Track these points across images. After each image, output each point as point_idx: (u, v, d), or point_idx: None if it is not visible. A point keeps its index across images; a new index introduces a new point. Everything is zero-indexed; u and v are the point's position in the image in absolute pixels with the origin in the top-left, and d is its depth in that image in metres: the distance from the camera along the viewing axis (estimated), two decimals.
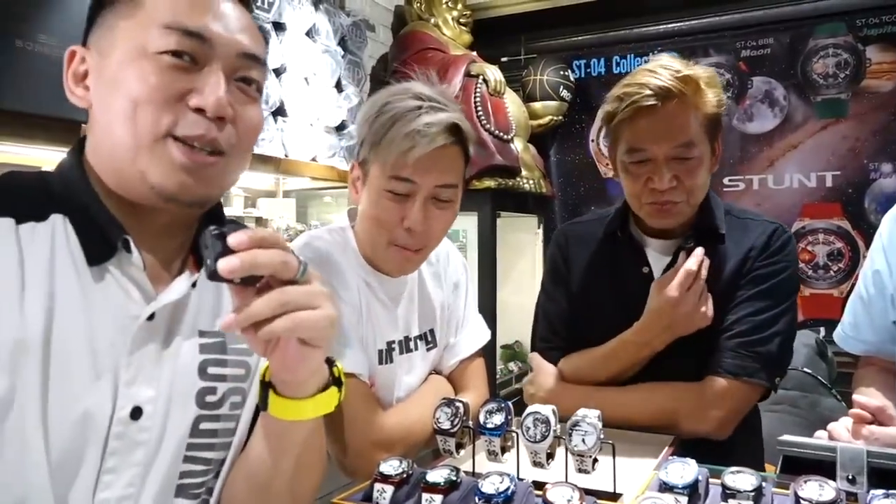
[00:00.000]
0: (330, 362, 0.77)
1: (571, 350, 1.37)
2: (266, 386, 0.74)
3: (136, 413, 0.75)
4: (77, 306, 0.74)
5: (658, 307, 1.23)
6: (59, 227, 0.76)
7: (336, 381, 0.77)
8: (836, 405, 2.03)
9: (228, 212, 2.72)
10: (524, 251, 3.53)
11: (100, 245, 0.76)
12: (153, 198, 0.77)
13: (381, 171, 1.10)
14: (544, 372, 1.37)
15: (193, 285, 0.82)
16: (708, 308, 1.22)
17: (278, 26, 2.48)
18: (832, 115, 3.05)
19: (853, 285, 1.36)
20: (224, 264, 0.62)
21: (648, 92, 1.19)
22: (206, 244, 0.64)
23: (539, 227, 3.54)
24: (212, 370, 0.82)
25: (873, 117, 2.98)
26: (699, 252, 1.22)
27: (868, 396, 1.09)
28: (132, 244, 0.77)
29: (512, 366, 3.34)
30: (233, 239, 0.63)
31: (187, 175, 0.76)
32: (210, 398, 0.81)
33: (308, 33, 2.61)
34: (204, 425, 0.81)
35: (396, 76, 2.84)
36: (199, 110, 0.75)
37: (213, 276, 0.63)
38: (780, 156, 3.15)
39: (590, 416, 0.93)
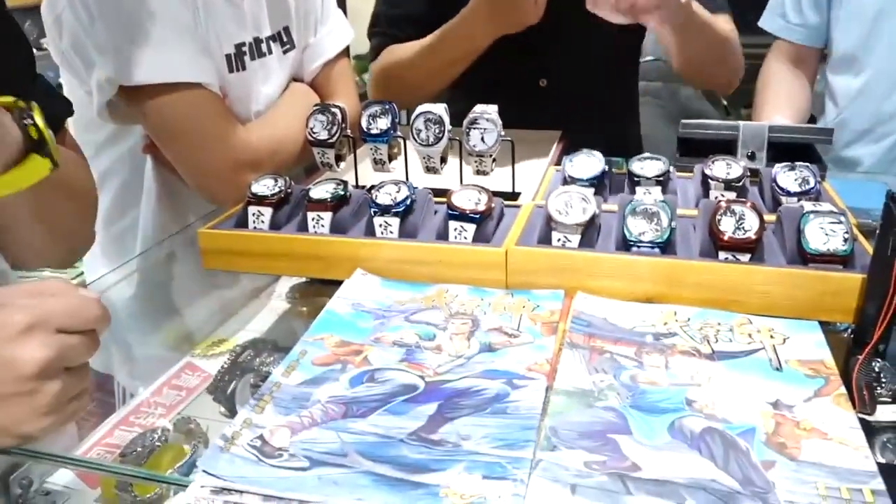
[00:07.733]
0: (23, 116, 0.56)
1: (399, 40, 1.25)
2: None
3: None
4: None
5: None
6: None
7: (37, 145, 0.57)
8: (692, 93, 2.07)
9: None
10: None
11: None
12: None
13: None
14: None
15: None
16: (539, 3, 1.03)
17: None
18: None
19: None
20: None
21: None
22: None
23: None
24: None
25: None
26: None
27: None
28: None
29: (367, 77, 3.13)
30: None
31: None
32: None
33: None
34: None
35: None
36: None
37: None
38: None
39: (488, 112, 0.82)
